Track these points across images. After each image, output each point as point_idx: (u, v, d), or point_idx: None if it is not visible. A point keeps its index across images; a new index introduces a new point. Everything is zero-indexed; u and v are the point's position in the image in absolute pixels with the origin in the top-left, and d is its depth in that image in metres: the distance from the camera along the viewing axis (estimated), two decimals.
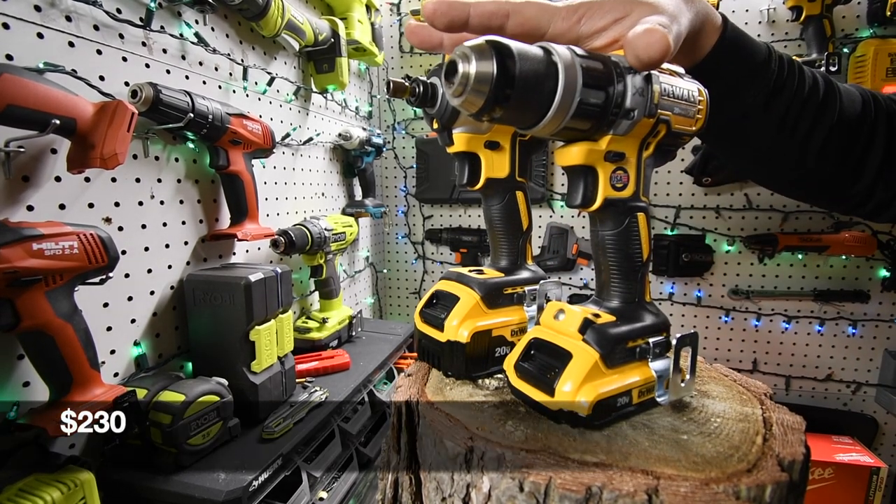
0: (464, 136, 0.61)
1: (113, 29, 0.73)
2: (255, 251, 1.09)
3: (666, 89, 0.45)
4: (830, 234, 1.47)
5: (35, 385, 0.62)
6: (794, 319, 1.56)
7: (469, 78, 0.36)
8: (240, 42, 1.02)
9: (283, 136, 1.18)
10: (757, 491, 0.35)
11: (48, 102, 0.55)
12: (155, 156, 0.81)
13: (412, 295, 1.94)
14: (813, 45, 1.39)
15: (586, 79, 0.39)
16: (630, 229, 0.48)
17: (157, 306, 0.81)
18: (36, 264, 0.53)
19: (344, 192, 1.55)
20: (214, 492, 0.64)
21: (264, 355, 0.83)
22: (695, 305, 1.64)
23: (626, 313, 0.48)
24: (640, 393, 0.46)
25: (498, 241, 0.66)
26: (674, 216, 1.62)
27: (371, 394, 1.10)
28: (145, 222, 0.79)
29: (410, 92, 0.57)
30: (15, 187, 0.60)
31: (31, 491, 0.52)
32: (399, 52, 1.82)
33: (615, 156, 0.45)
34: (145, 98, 0.70)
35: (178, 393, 0.68)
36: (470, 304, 0.56)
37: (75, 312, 0.59)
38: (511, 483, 0.38)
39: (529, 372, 0.48)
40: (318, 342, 1.15)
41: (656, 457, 0.39)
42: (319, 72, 1.28)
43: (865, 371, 1.54)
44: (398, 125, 1.85)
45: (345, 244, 1.27)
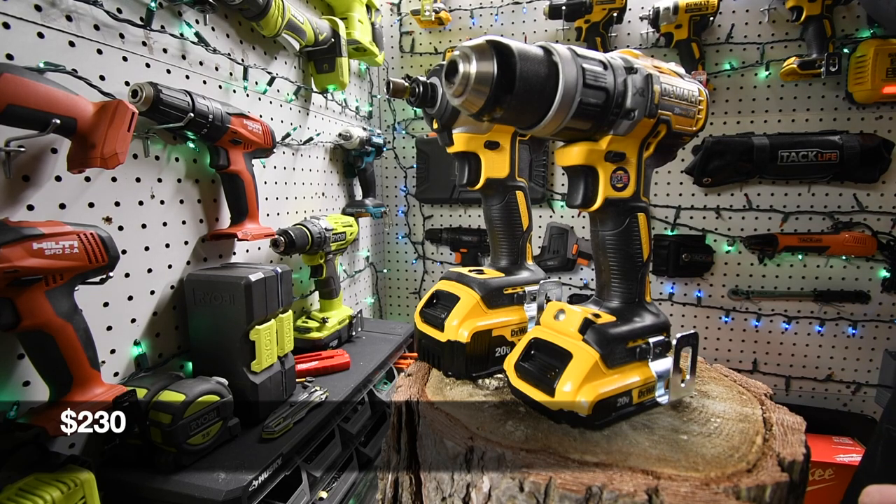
0: (464, 136, 0.61)
1: (113, 29, 0.73)
2: (255, 251, 1.09)
3: (666, 89, 0.45)
4: (830, 235, 1.48)
5: (35, 385, 0.62)
6: (794, 320, 1.56)
7: (469, 78, 0.36)
8: (240, 42, 1.02)
9: (284, 136, 1.18)
10: (757, 491, 0.35)
11: (48, 102, 0.55)
12: (155, 155, 0.81)
13: (412, 295, 1.94)
14: (813, 45, 1.40)
15: (587, 79, 0.39)
16: (630, 229, 0.48)
17: (157, 306, 0.81)
18: (36, 264, 0.53)
19: (344, 192, 1.55)
20: (214, 491, 0.64)
21: (264, 355, 0.83)
22: (695, 306, 1.65)
23: (626, 313, 0.48)
24: (641, 393, 0.46)
25: (498, 241, 0.66)
26: (674, 216, 1.63)
27: (371, 394, 1.10)
28: (145, 222, 0.79)
29: (410, 92, 0.58)
30: (15, 187, 0.60)
31: (31, 490, 0.52)
32: (399, 52, 1.82)
33: (615, 156, 0.45)
34: (146, 98, 0.70)
35: (178, 393, 0.68)
36: (470, 304, 0.56)
37: (75, 312, 0.59)
38: (511, 483, 0.38)
39: (529, 372, 0.48)
40: (318, 342, 1.15)
41: (656, 457, 0.39)
42: (320, 72, 1.28)
43: (865, 371, 1.54)
44: (398, 125, 1.85)
45: (345, 244, 1.27)
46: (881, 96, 1.37)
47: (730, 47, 1.53)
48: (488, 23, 1.72)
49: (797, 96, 1.50)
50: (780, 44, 1.49)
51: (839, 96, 1.47)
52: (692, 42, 1.47)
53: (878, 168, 1.41)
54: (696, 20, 1.45)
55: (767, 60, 1.50)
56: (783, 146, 1.43)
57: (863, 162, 1.39)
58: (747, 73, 1.53)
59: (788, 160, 1.43)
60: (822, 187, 1.50)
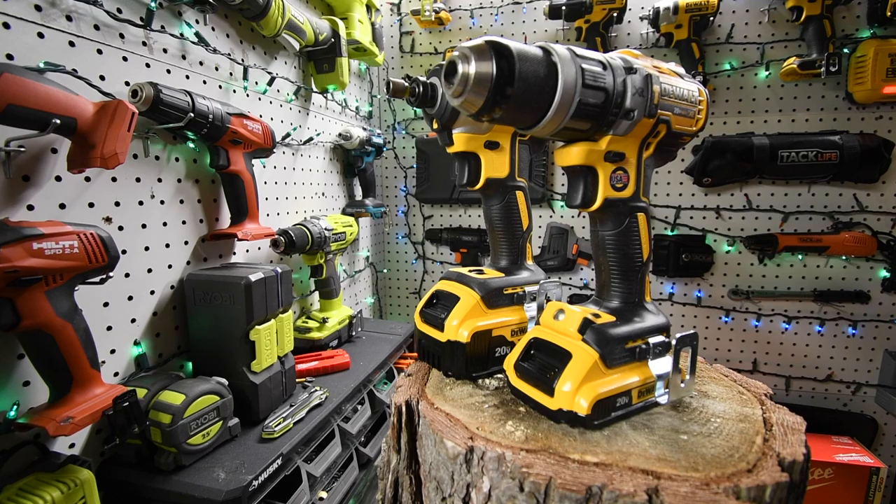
0: (464, 136, 0.61)
1: (113, 28, 0.73)
2: (255, 251, 1.09)
3: (666, 89, 0.45)
4: (830, 235, 1.48)
5: (35, 384, 0.62)
6: (794, 320, 1.56)
7: (469, 78, 0.36)
8: (240, 42, 1.02)
9: (284, 136, 1.18)
10: (757, 491, 0.35)
11: (48, 102, 0.55)
12: (155, 155, 0.81)
13: (412, 295, 1.94)
14: (813, 45, 1.40)
15: (586, 79, 0.39)
16: (630, 229, 0.48)
17: (157, 306, 0.81)
18: (36, 264, 0.53)
19: (344, 192, 1.55)
20: (214, 491, 0.64)
21: (264, 355, 0.83)
22: (695, 306, 1.65)
23: (626, 313, 0.48)
24: (640, 393, 0.46)
25: (498, 241, 0.66)
26: (674, 216, 1.63)
27: (371, 394, 1.10)
28: (145, 222, 0.79)
29: (410, 92, 0.58)
30: (15, 187, 0.60)
31: (31, 490, 0.52)
32: (399, 52, 1.82)
33: (615, 156, 0.45)
34: (146, 98, 0.70)
35: (178, 392, 0.68)
36: (470, 304, 0.56)
37: (75, 312, 0.59)
38: (511, 483, 0.38)
39: (529, 372, 0.48)
40: (318, 342, 1.15)
41: (656, 457, 0.39)
42: (320, 72, 1.28)
43: (865, 371, 1.54)
44: (398, 125, 1.85)
45: (345, 244, 1.27)
46: (881, 96, 1.37)
47: (730, 47, 1.53)
48: (488, 23, 1.72)
49: (797, 96, 1.50)
50: (780, 44, 1.49)
51: (839, 96, 1.47)
52: (692, 42, 1.48)
53: (878, 168, 1.41)
54: (696, 20, 1.45)
55: (767, 60, 1.50)
56: (783, 146, 1.44)
57: (863, 162, 1.39)
58: (747, 73, 1.53)
59: (788, 160, 1.43)
60: (822, 187, 1.50)
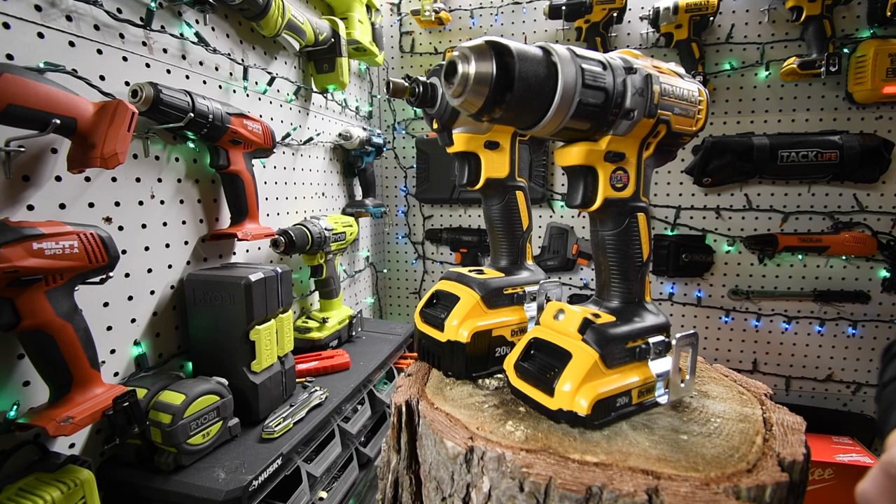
0: (464, 136, 0.61)
1: (113, 29, 0.73)
2: (255, 251, 1.09)
3: (666, 89, 0.45)
4: (830, 235, 1.48)
5: (35, 384, 0.62)
6: (794, 320, 1.56)
7: (468, 78, 0.36)
8: (240, 42, 1.02)
9: (284, 136, 1.18)
10: (757, 491, 0.35)
11: (48, 102, 0.55)
12: (155, 155, 0.81)
13: (412, 295, 1.94)
14: (813, 45, 1.40)
15: (586, 79, 0.39)
16: (630, 229, 0.48)
17: (157, 306, 0.81)
18: (36, 264, 0.53)
19: (344, 192, 1.55)
20: (214, 491, 0.64)
21: (264, 355, 0.83)
22: (695, 306, 1.65)
23: (626, 313, 0.48)
24: (640, 393, 0.46)
25: (498, 241, 0.66)
26: (674, 216, 1.63)
27: (371, 394, 1.10)
28: (145, 222, 0.79)
29: (410, 92, 0.58)
30: (15, 187, 0.60)
31: (31, 490, 0.52)
32: (399, 52, 1.82)
33: (615, 156, 0.45)
34: (146, 98, 0.70)
35: (178, 393, 0.68)
36: (470, 304, 0.56)
37: (75, 312, 0.59)
38: (511, 483, 0.38)
39: (529, 372, 0.48)
40: (318, 342, 1.15)
41: (656, 457, 0.39)
42: (320, 72, 1.28)
43: (865, 371, 1.54)
44: (398, 125, 1.85)
45: (345, 244, 1.27)
46: (881, 96, 1.37)
47: (730, 47, 1.53)
48: (488, 23, 1.72)
49: (797, 96, 1.50)
50: (780, 44, 1.49)
51: (839, 96, 1.47)
52: (692, 42, 1.48)
53: (878, 168, 1.41)
54: (696, 20, 1.45)
55: (767, 60, 1.50)
56: (783, 146, 1.44)
57: (863, 162, 1.39)
58: (747, 73, 1.53)
59: (788, 160, 1.43)
60: (822, 187, 1.50)
